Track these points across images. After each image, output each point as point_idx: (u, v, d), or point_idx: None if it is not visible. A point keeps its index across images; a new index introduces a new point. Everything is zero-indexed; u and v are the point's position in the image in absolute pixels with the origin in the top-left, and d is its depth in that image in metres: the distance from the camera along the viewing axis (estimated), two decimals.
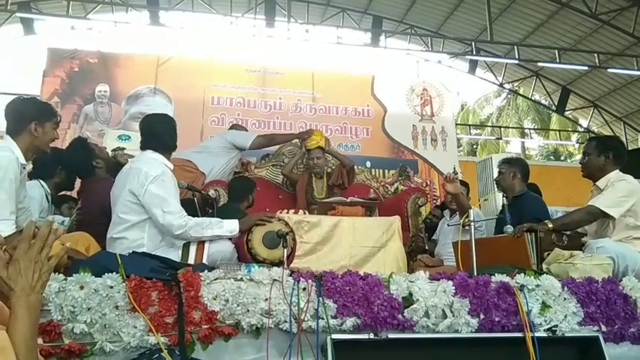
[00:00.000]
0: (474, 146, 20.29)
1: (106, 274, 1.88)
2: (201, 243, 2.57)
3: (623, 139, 14.33)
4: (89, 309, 1.82)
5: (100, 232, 2.74)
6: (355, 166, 4.98)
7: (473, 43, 12.37)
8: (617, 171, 3.05)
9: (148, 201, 2.49)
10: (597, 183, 3.06)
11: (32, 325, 1.13)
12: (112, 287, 1.86)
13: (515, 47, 11.95)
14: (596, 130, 15.48)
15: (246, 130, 5.29)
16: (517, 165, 3.74)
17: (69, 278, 1.85)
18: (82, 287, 1.84)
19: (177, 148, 2.98)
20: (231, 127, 5.24)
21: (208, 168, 4.32)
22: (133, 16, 11.88)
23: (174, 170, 2.80)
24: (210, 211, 3.59)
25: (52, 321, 1.79)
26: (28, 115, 2.50)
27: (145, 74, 7.58)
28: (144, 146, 2.79)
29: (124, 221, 2.56)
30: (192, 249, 2.49)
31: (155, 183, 2.52)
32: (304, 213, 3.76)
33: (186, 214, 2.53)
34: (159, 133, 2.80)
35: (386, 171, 7.51)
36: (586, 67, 12.39)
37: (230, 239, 2.63)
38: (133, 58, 7.91)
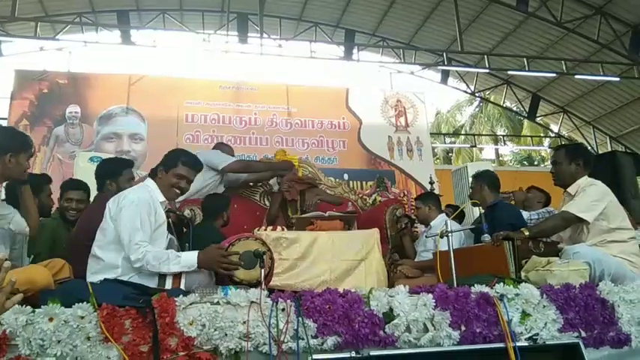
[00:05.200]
0: (449, 154, 20.55)
1: (76, 304, 1.82)
2: None
3: (593, 143, 14.72)
4: (59, 341, 1.75)
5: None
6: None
7: (444, 53, 12.58)
8: (586, 177, 3.10)
9: (118, 226, 2.43)
10: (568, 189, 3.11)
11: None
12: (82, 317, 1.79)
13: (486, 56, 12.20)
14: (566, 135, 15.82)
15: (232, 150, 4.89)
16: (482, 178, 3.94)
17: (37, 310, 1.79)
18: (51, 319, 1.77)
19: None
20: (215, 146, 4.88)
21: None
22: (104, 36, 11.76)
23: None
24: (186, 230, 3.52)
25: (20, 356, 1.72)
26: (4, 147, 2.51)
27: (116, 94, 7.50)
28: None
29: (101, 240, 2.49)
30: (169, 275, 2.41)
31: (128, 209, 2.45)
32: (282, 229, 3.72)
33: (147, 244, 2.42)
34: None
35: (364, 182, 7.55)
36: (554, 74, 12.70)
37: None
38: (104, 78, 7.83)
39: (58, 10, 11.29)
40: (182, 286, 2.40)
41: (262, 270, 2.24)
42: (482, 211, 3.83)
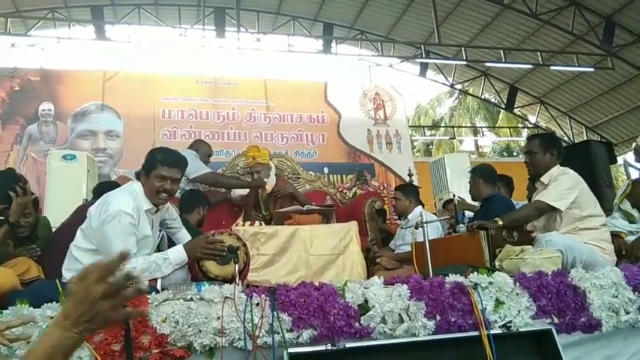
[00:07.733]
0: (429, 146, 20.70)
1: (45, 304, 1.78)
2: None
3: (569, 133, 14.96)
4: (28, 342, 1.71)
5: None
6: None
7: (422, 46, 12.63)
8: (558, 165, 3.14)
9: (100, 242, 2.36)
10: (541, 179, 3.15)
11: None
12: (52, 318, 1.76)
13: (463, 49, 12.28)
14: (543, 126, 16.05)
15: (209, 148, 4.77)
16: (477, 172, 3.95)
17: (4, 311, 1.75)
18: None
19: None
20: (192, 144, 4.73)
21: None
22: (78, 31, 11.52)
23: None
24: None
25: None
26: None
27: (91, 90, 7.38)
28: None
29: (80, 242, 2.43)
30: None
31: (110, 225, 2.32)
32: (260, 224, 3.70)
33: (131, 259, 2.31)
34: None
35: (344, 176, 7.56)
36: (530, 66, 12.86)
37: None
38: (77, 75, 7.69)
39: (30, 5, 11.03)
40: (158, 287, 2.37)
41: (236, 265, 2.23)
42: (478, 203, 3.90)
